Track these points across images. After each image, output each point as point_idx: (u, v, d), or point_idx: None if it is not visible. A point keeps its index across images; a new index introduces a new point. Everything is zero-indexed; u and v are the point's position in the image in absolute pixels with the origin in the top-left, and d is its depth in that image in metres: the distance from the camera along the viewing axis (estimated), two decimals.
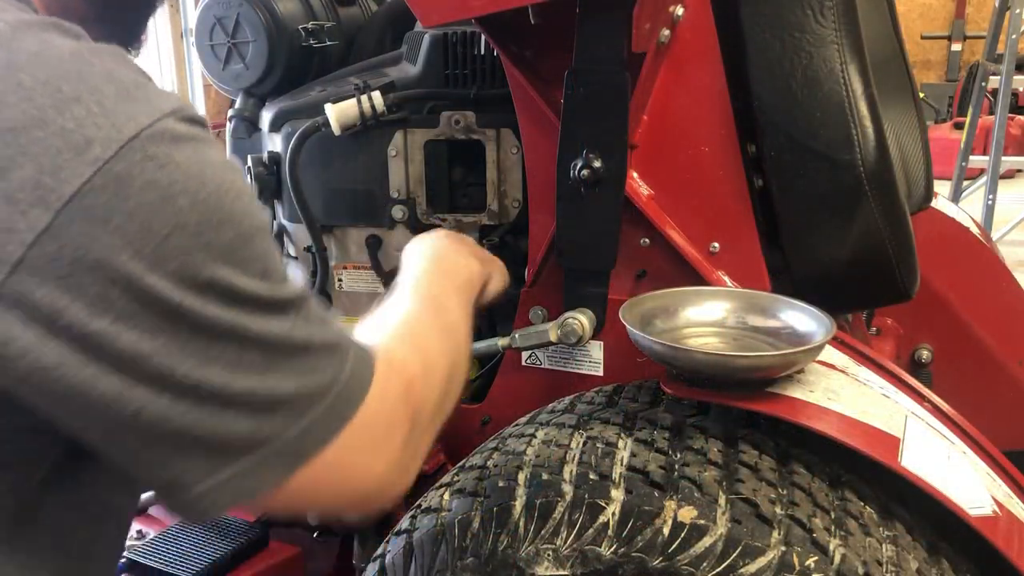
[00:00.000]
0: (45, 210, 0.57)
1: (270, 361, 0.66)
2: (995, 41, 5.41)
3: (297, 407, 0.68)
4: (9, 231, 0.57)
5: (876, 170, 1.11)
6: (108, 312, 0.59)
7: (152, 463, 0.65)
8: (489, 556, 0.94)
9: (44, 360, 0.59)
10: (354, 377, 0.72)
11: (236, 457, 0.66)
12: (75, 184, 0.58)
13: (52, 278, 0.58)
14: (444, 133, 1.37)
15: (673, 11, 1.11)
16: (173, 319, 0.61)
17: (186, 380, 0.62)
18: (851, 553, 0.86)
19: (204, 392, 0.63)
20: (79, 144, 0.58)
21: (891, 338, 1.80)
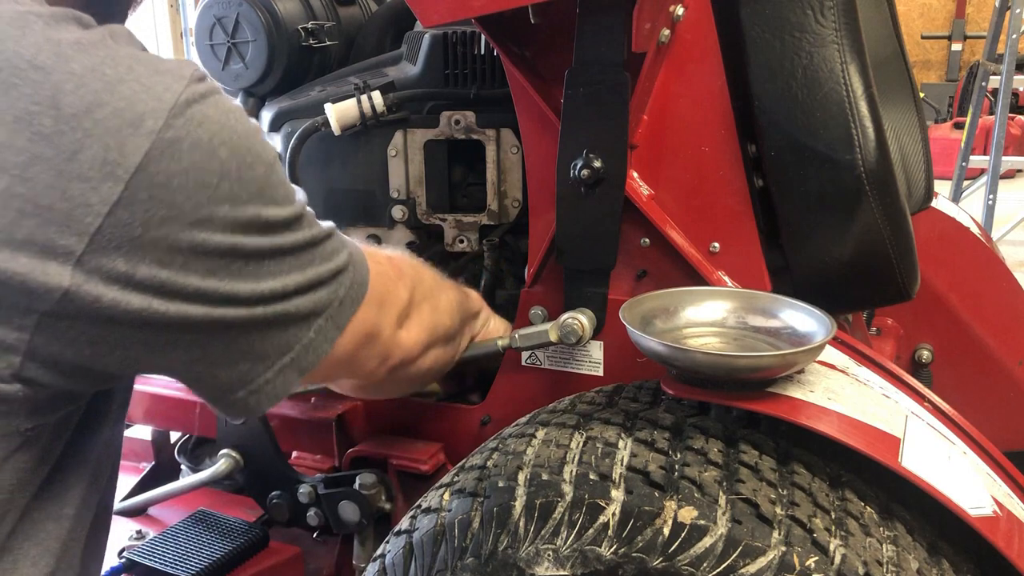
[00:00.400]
0: (116, 183, 0.65)
1: (306, 258, 0.81)
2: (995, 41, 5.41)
3: (334, 283, 0.85)
4: (86, 206, 0.64)
5: (876, 170, 1.11)
6: (175, 262, 0.69)
7: (237, 363, 0.79)
8: (489, 556, 0.94)
9: (131, 306, 0.68)
10: (357, 255, 0.91)
11: (298, 336, 0.82)
12: (138, 156, 0.66)
13: (127, 242, 0.66)
14: (444, 133, 1.37)
15: (673, 11, 1.11)
16: (229, 257, 0.73)
17: (252, 295, 0.75)
18: (851, 553, 0.86)
19: (267, 297, 0.77)
20: (134, 120, 0.66)
21: (891, 338, 1.80)
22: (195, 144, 0.69)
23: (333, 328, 0.86)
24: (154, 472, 1.72)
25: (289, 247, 0.79)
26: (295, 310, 0.80)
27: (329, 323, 0.85)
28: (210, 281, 0.72)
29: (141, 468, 1.73)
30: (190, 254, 0.70)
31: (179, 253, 0.69)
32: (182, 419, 1.58)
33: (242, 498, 1.46)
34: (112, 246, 0.66)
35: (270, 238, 0.76)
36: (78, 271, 0.66)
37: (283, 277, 0.78)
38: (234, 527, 1.39)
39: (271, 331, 0.79)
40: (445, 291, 1.18)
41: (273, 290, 0.77)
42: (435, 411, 1.39)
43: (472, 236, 1.40)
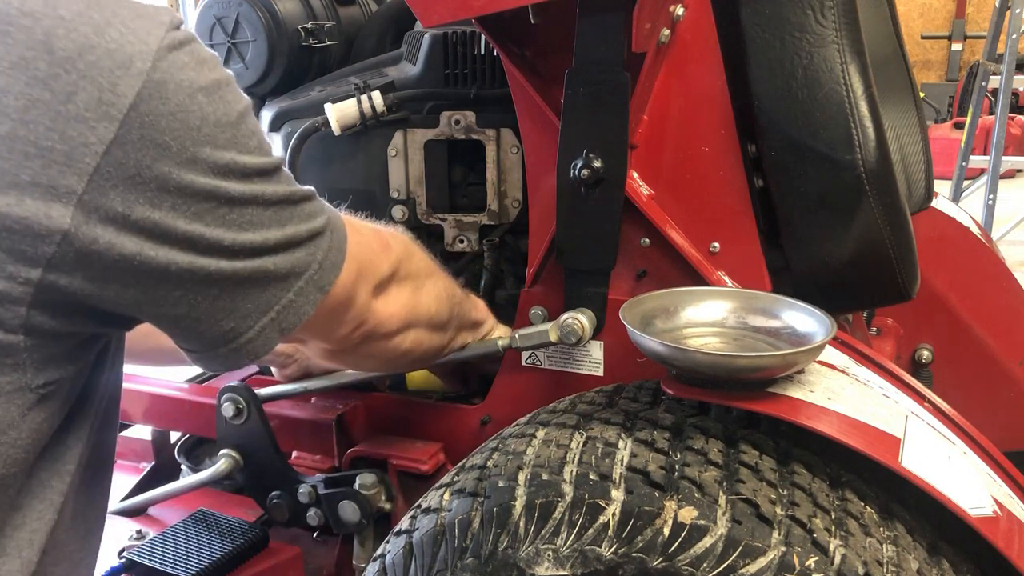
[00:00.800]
0: (111, 122, 0.68)
1: (284, 215, 0.82)
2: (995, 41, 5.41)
3: (312, 245, 0.86)
4: (85, 145, 0.67)
5: (876, 170, 1.11)
6: (165, 202, 0.72)
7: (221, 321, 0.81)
8: (489, 556, 0.94)
9: (125, 250, 0.70)
10: (336, 220, 0.92)
11: (278, 296, 0.83)
12: (131, 96, 0.68)
13: (122, 181, 0.69)
14: (444, 133, 1.37)
15: (673, 11, 1.11)
16: (213, 201, 0.75)
17: (234, 245, 0.77)
18: (851, 553, 0.86)
19: (247, 249, 0.79)
20: (124, 61, 0.69)
21: (891, 338, 1.80)
22: (179, 87, 0.71)
23: (315, 290, 0.87)
24: (154, 472, 1.72)
25: (268, 198, 0.80)
26: (273, 267, 0.82)
27: (310, 285, 0.87)
28: (196, 225, 0.74)
29: (141, 468, 1.73)
30: (178, 195, 0.72)
31: (168, 194, 0.72)
32: (182, 419, 1.58)
33: (242, 498, 1.46)
34: (109, 185, 0.68)
35: (249, 185, 0.78)
36: (79, 211, 0.68)
37: (263, 230, 0.80)
38: (234, 527, 1.39)
39: (252, 288, 0.81)
40: (437, 278, 1.18)
41: (253, 242, 0.79)
42: (435, 411, 1.39)
43: (472, 236, 1.40)
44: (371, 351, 1.09)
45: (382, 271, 1.04)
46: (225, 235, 0.77)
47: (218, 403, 1.33)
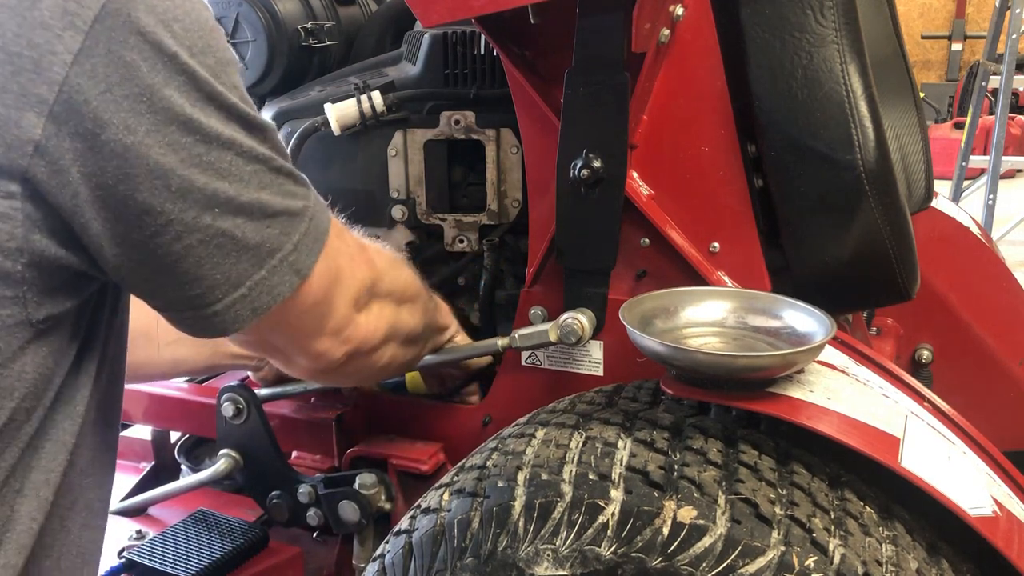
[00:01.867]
0: (76, 32, 0.66)
1: (263, 176, 0.79)
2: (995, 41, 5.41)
3: (287, 224, 0.82)
4: (52, 54, 0.65)
5: (876, 170, 1.11)
6: (140, 127, 0.69)
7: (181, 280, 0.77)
8: (489, 556, 0.94)
9: (90, 173, 0.68)
10: (320, 213, 0.88)
11: (249, 272, 0.80)
12: (95, 8, 0.66)
13: (94, 95, 0.67)
14: (444, 133, 1.37)
15: (673, 11, 1.11)
16: (188, 134, 0.72)
17: (203, 191, 0.74)
18: (851, 553, 0.86)
19: (217, 201, 0.75)
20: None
21: (891, 338, 1.80)
22: (149, 9, 0.69)
23: (291, 272, 0.84)
24: (154, 472, 1.72)
25: (246, 150, 0.77)
26: (242, 236, 0.78)
27: (285, 265, 0.83)
28: (169, 159, 0.71)
29: (141, 468, 1.73)
30: (152, 118, 0.69)
31: (141, 116, 0.69)
32: (182, 419, 1.58)
33: (242, 498, 1.46)
34: (80, 99, 0.66)
35: (228, 127, 0.75)
36: (50, 123, 0.66)
37: (236, 183, 0.76)
38: (234, 527, 1.39)
39: (218, 255, 0.77)
40: (417, 294, 1.18)
41: (225, 195, 0.76)
42: (435, 411, 1.39)
43: (472, 236, 1.40)
44: (357, 367, 1.07)
45: (361, 282, 1.01)
46: (197, 178, 0.73)
47: (218, 403, 1.33)
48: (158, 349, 1.29)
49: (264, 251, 0.81)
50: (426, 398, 1.43)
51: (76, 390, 0.81)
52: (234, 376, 1.57)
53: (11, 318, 0.71)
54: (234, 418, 1.33)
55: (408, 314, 1.14)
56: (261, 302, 0.82)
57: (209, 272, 0.78)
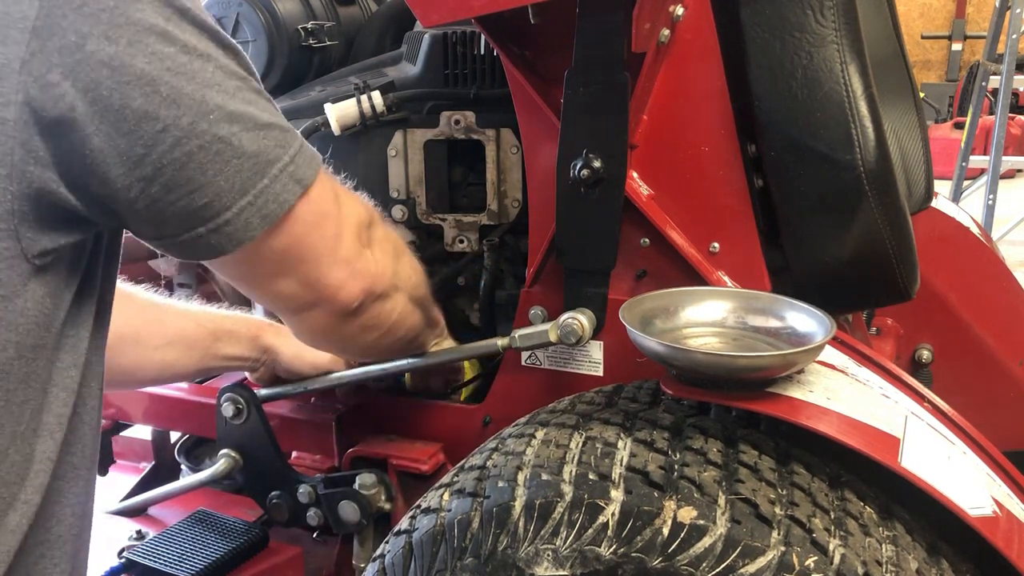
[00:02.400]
0: None
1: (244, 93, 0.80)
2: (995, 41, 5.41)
3: (280, 137, 0.84)
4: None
5: (876, 170, 1.11)
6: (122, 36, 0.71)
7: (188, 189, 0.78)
8: (489, 556, 0.94)
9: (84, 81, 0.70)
10: (308, 147, 0.89)
11: (252, 180, 0.81)
12: None
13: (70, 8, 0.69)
14: (444, 133, 1.37)
15: (673, 11, 1.11)
16: (165, 40, 0.74)
17: (193, 97, 0.75)
18: (851, 553, 0.86)
19: (210, 108, 0.77)
20: None
21: (891, 338, 1.80)
22: None
23: (292, 182, 0.85)
24: (154, 472, 1.72)
25: (224, 66, 0.79)
26: (237, 143, 0.80)
27: (285, 175, 0.84)
28: (155, 66, 0.73)
29: (141, 468, 1.73)
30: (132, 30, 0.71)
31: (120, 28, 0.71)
32: (182, 419, 1.58)
33: (242, 498, 1.46)
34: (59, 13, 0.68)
35: (205, 42, 0.77)
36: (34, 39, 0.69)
37: (223, 94, 0.78)
38: (234, 527, 1.39)
39: (219, 161, 0.79)
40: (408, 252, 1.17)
41: (216, 102, 0.77)
42: (435, 411, 1.39)
43: (472, 236, 1.40)
44: (371, 319, 1.06)
45: (360, 215, 1.01)
46: (185, 86, 0.75)
47: (218, 403, 1.33)
48: (148, 353, 1.28)
49: (263, 160, 0.82)
50: (426, 398, 1.43)
51: (77, 334, 0.82)
52: (234, 376, 1.57)
53: (7, 251, 0.72)
54: (234, 418, 1.33)
55: (409, 266, 1.14)
56: (269, 209, 0.84)
57: (213, 178, 0.79)
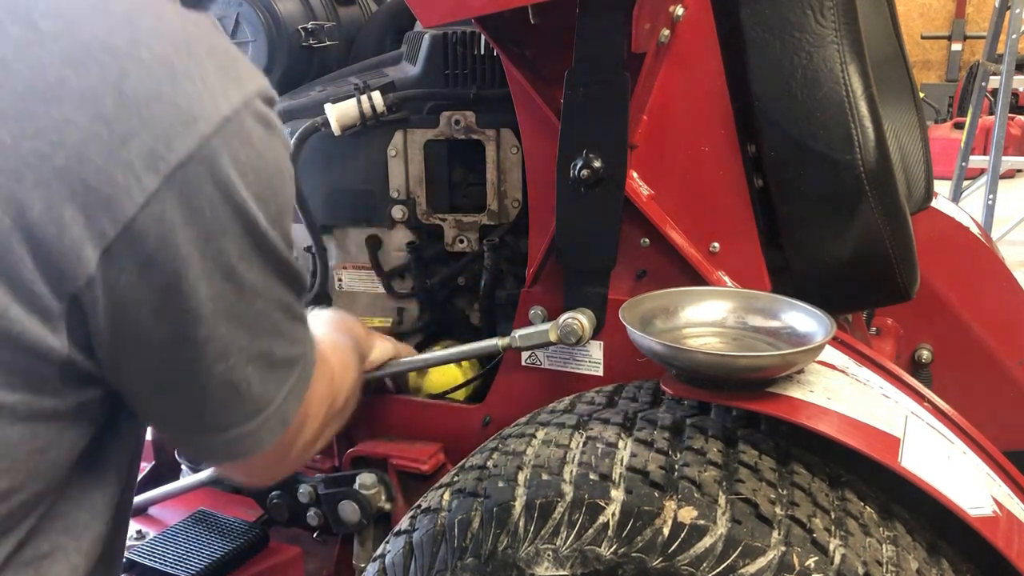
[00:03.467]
0: (156, 176, 0.66)
1: (279, 325, 0.79)
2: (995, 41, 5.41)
3: (284, 373, 0.81)
4: (127, 195, 0.65)
5: (876, 170, 1.11)
6: (190, 273, 0.69)
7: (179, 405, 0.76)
8: (489, 556, 0.94)
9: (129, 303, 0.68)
10: (310, 353, 0.86)
11: (240, 422, 0.78)
12: (182, 154, 0.66)
13: (153, 233, 0.66)
14: (444, 133, 1.37)
15: (673, 11, 1.11)
16: (228, 279, 0.71)
17: (222, 340, 0.73)
18: (851, 553, 0.86)
19: (232, 350, 0.74)
20: (188, 118, 0.66)
21: (891, 338, 1.80)
22: (233, 161, 0.69)
23: (278, 423, 0.83)
24: (154, 472, 1.72)
25: (275, 298, 0.77)
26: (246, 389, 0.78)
27: (274, 419, 0.82)
28: (206, 307, 0.71)
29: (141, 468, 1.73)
30: (201, 267, 0.69)
31: (191, 264, 0.69)
32: None
33: (242, 498, 1.46)
34: (140, 239, 0.66)
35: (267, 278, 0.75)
36: (106, 257, 0.66)
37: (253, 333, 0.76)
38: (234, 527, 1.39)
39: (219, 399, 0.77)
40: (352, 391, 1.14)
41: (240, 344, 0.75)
42: (435, 411, 1.39)
43: (472, 236, 1.40)
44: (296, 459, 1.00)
45: (318, 417, 0.97)
46: (221, 327, 0.73)
47: None
48: None
49: (262, 403, 0.80)
50: (427, 398, 1.43)
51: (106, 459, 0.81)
52: None
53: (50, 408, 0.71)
54: None
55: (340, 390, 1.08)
56: (240, 448, 0.81)
57: (206, 408, 0.77)
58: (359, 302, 1.49)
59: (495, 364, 1.34)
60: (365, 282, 1.48)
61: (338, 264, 1.49)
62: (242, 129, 0.70)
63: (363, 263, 1.47)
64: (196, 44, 0.69)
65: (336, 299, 1.50)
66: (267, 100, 0.74)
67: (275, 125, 0.74)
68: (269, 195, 0.73)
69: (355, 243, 1.47)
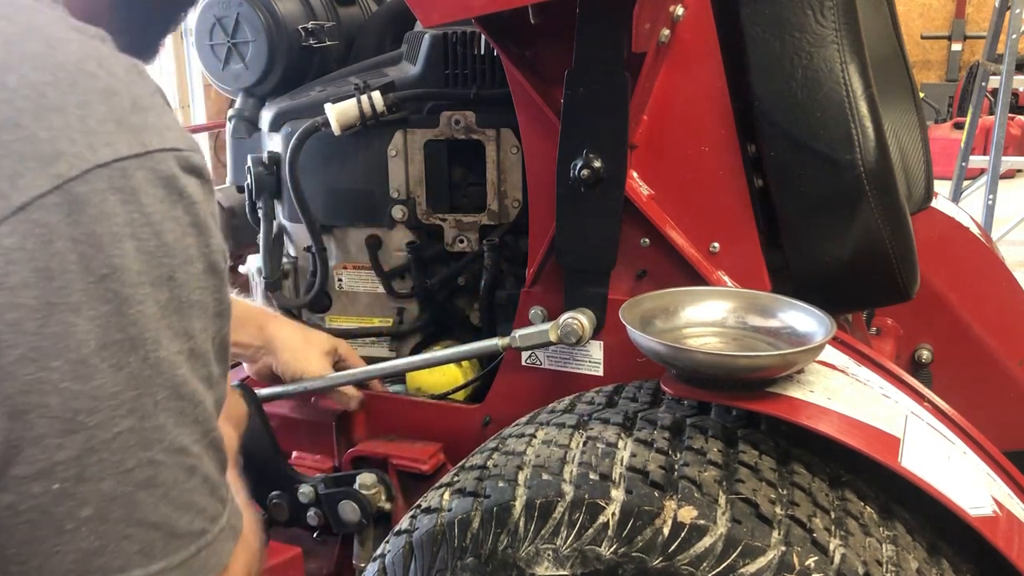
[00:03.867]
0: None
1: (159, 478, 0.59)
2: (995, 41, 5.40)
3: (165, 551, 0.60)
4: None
5: (876, 170, 1.11)
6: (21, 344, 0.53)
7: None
8: (489, 556, 0.94)
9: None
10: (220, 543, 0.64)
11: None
12: (29, 195, 0.53)
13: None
14: (444, 133, 1.37)
15: (673, 11, 1.11)
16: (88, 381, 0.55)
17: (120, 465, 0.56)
18: (851, 553, 0.86)
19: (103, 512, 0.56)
20: (46, 156, 0.54)
21: (891, 338, 1.80)
22: (103, 216, 0.55)
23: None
24: None
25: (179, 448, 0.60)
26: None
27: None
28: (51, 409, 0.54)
29: None
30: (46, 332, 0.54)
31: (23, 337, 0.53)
32: None
33: None
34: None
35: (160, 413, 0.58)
36: None
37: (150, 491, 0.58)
38: None
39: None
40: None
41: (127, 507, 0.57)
42: (435, 411, 1.39)
43: (472, 236, 1.40)
44: None
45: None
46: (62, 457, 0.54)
47: None
48: None
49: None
50: (427, 398, 1.43)
51: None
52: (234, 376, 1.57)
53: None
54: None
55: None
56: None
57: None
58: (359, 302, 1.49)
59: (496, 365, 1.34)
60: (365, 282, 1.48)
61: (338, 264, 1.49)
62: (125, 183, 0.56)
63: (363, 263, 1.47)
64: (89, 81, 0.57)
65: (336, 299, 1.50)
66: (183, 163, 0.59)
67: (185, 193, 0.59)
68: (159, 276, 0.57)
69: (355, 243, 1.47)
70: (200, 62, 1.60)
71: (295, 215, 1.45)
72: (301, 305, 1.50)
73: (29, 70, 0.55)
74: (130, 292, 0.56)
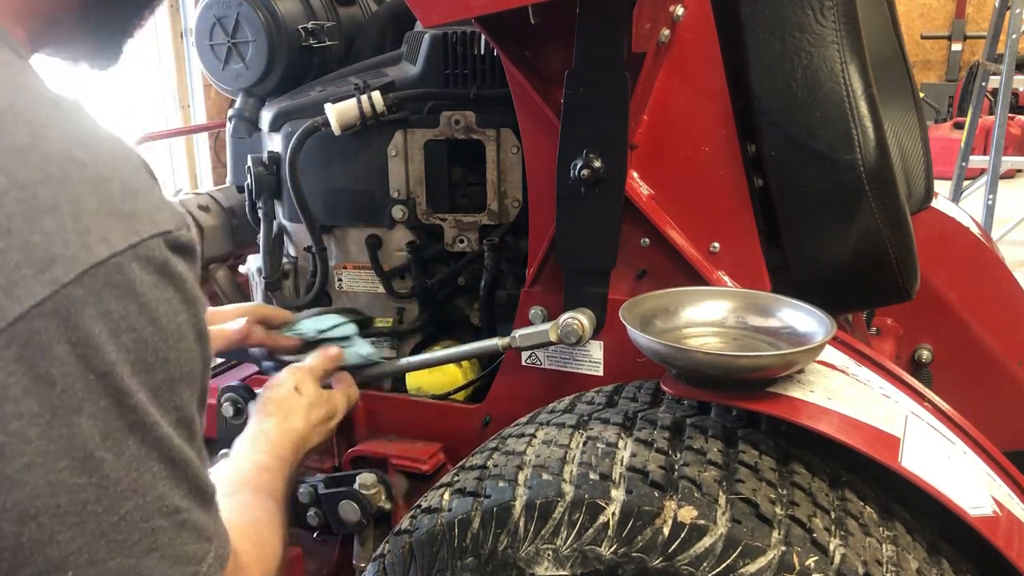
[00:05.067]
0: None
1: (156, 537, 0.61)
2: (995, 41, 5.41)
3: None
4: None
5: (876, 170, 1.11)
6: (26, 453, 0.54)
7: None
8: (489, 556, 0.94)
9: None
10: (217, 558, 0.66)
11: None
12: (25, 305, 0.53)
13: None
14: (444, 133, 1.37)
15: (673, 11, 1.11)
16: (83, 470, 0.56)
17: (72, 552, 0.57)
18: (851, 553, 0.86)
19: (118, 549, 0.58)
20: (41, 261, 0.54)
21: (891, 338, 1.80)
22: (101, 316, 0.56)
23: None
24: None
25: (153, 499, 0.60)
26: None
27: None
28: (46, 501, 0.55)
29: None
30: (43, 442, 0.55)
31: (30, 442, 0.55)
32: None
33: None
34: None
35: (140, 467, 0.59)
36: None
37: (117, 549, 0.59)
38: None
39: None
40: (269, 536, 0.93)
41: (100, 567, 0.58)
42: (435, 411, 1.39)
43: (472, 236, 1.40)
44: None
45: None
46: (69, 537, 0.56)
47: (218, 403, 1.33)
48: None
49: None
50: (427, 398, 1.43)
51: None
52: (234, 376, 1.57)
53: None
54: (234, 418, 1.33)
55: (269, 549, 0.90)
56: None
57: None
58: (359, 302, 1.49)
59: (496, 365, 1.34)
60: (365, 282, 1.48)
61: (338, 264, 1.49)
62: (121, 278, 0.56)
63: (363, 263, 1.47)
64: (78, 172, 0.56)
65: (336, 299, 1.50)
66: (173, 244, 0.60)
67: (176, 274, 0.60)
68: (154, 361, 0.59)
69: (355, 243, 1.47)
70: (200, 62, 1.61)
71: (295, 215, 1.45)
72: (301, 305, 1.50)
73: (18, 168, 0.54)
74: (128, 383, 0.57)
